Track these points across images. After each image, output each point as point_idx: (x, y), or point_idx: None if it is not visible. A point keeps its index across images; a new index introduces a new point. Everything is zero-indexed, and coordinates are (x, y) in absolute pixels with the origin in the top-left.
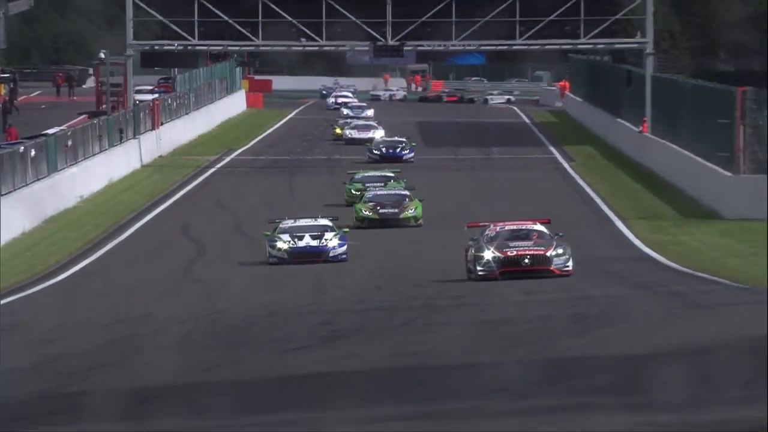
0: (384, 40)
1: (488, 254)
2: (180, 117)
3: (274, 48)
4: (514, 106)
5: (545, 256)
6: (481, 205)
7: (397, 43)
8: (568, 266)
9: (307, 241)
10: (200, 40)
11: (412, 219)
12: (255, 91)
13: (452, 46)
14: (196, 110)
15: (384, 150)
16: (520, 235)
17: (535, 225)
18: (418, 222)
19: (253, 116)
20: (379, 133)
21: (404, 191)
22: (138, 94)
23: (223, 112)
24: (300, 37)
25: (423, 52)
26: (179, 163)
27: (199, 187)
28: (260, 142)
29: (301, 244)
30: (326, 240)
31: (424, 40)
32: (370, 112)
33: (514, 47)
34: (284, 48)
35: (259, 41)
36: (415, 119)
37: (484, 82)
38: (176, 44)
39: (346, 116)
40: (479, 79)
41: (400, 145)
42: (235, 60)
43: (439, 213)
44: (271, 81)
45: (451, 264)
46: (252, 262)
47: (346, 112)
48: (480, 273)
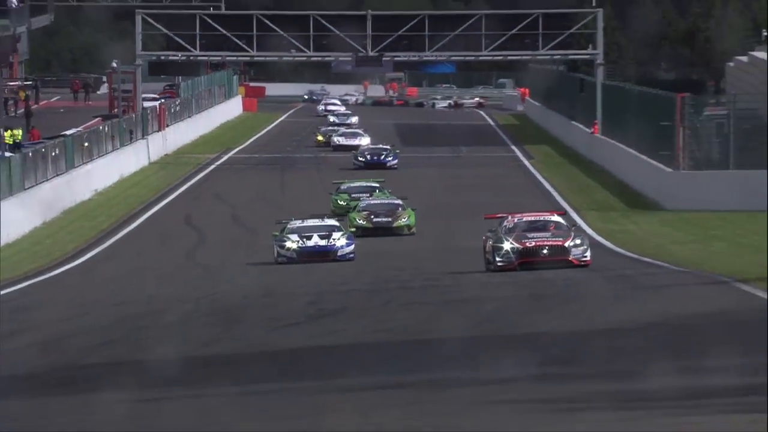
0: (365, 51)
1: (507, 245)
2: (183, 120)
3: (267, 58)
4: (480, 110)
5: (563, 246)
6: (453, 198)
7: (377, 54)
8: (586, 257)
9: (316, 241)
10: (201, 51)
11: (405, 227)
12: (250, 96)
13: (425, 56)
14: (197, 114)
15: (369, 157)
16: (538, 226)
17: (552, 216)
18: (411, 230)
19: (249, 119)
20: (366, 141)
21: (397, 200)
22: (146, 102)
23: (221, 115)
24: (290, 48)
25: (399, 62)
26: (183, 160)
27: (200, 182)
28: (255, 142)
29: (309, 243)
30: (334, 239)
31: (401, 52)
32: (354, 119)
33: (481, 58)
34: (276, 58)
35: (253, 52)
36: (392, 122)
37: (454, 88)
38: (180, 55)
39: (332, 123)
40: (449, 85)
41: (384, 152)
42: (232, 69)
43: (414, 203)
44: (264, 87)
45: (420, 249)
46: (247, 250)
47: (332, 119)
48: (499, 264)
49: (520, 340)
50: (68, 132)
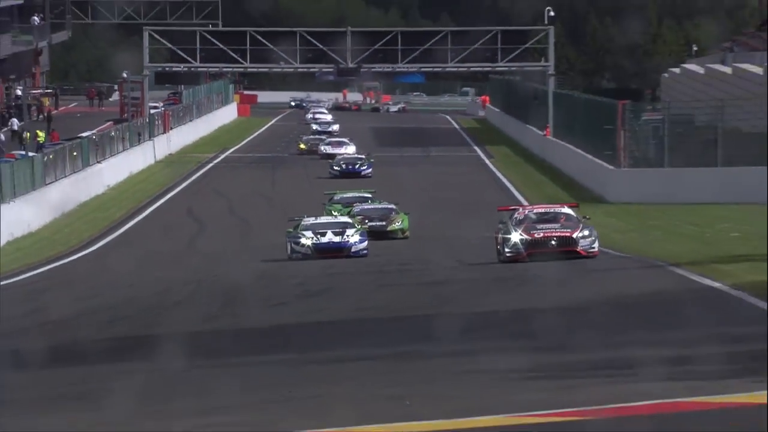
0: (345, 63)
1: (516, 236)
2: (185, 123)
3: (259, 69)
4: (447, 115)
5: (571, 237)
6: (423, 193)
7: (355, 65)
8: (594, 248)
9: (330, 237)
10: (201, 63)
11: (399, 231)
12: (244, 103)
13: (398, 68)
14: (198, 118)
15: (344, 166)
16: (548, 217)
17: (563, 208)
18: (404, 234)
19: (243, 123)
20: (351, 149)
21: (391, 205)
22: (153, 108)
23: (219, 119)
24: (279, 61)
25: (375, 73)
26: (185, 159)
27: (200, 178)
28: (249, 143)
29: (324, 240)
30: (348, 236)
31: (377, 63)
32: (336, 127)
33: (447, 69)
34: (267, 69)
35: (247, 64)
36: (369, 126)
37: (423, 96)
38: (182, 66)
39: (314, 131)
40: (419, 94)
41: (359, 161)
42: (228, 79)
43: (388, 199)
44: (256, 95)
45: (396, 240)
46: (243, 238)
47: (315, 127)
48: (508, 255)
49: (480, 317)
50: (84, 134)
